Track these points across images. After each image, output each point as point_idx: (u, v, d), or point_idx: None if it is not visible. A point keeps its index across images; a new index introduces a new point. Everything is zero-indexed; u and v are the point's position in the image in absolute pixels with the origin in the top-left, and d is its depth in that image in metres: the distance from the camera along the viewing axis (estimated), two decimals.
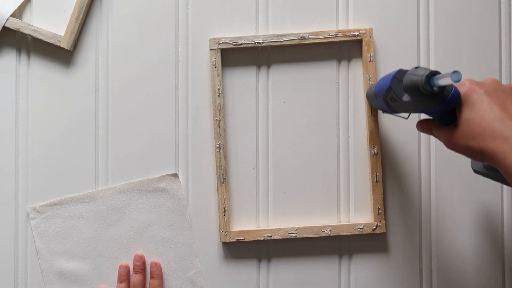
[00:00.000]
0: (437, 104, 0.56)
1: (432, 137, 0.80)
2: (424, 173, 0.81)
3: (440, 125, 0.61)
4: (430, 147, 0.81)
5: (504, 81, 0.81)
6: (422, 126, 0.65)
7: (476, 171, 0.66)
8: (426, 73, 0.55)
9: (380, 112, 0.80)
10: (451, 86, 0.56)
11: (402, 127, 0.80)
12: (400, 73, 0.61)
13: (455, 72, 0.50)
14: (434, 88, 0.55)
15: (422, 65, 0.81)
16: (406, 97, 0.59)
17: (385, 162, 0.80)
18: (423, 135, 0.80)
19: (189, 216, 0.80)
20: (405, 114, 0.67)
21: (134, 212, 0.80)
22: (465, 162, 0.80)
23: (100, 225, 0.80)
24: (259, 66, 0.81)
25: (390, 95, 0.62)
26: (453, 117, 0.58)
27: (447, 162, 0.80)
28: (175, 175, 0.80)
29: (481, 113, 0.54)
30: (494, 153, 0.53)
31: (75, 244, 0.80)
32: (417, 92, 0.56)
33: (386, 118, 0.80)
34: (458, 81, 0.50)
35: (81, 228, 0.80)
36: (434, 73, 0.55)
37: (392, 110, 0.66)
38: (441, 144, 0.80)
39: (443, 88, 0.55)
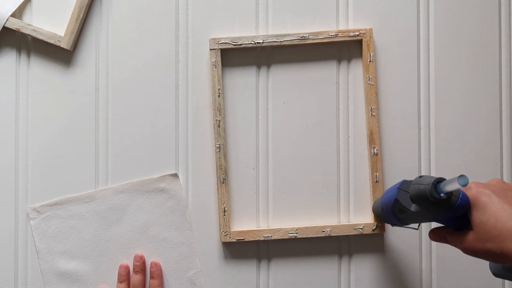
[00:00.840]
0: (447, 211, 0.56)
1: (432, 137, 0.80)
2: (424, 173, 0.81)
3: (453, 231, 0.60)
4: (430, 147, 0.81)
5: (504, 82, 0.81)
6: (435, 235, 0.64)
7: (496, 275, 0.64)
8: (432, 181, 0.55)
9: (380, 112, 0.80)
10: (458, 191, 0.55)
11: (402, 127, 0.80)
12: (405, 183, 0.61)
13: (462, 176, 0.50)
14: (442, 195, 0.54)
15: (422, 65, 0.81)
16: (414, 207, 0.58)
17: (385, 162, 0.80)
18: (423, 134, 0.81)
19: (189, 216, 0.80)
20: (415, 225, 0.67)
21: (134, 212, 0.80)
22: (465, 161, 0.80)
23: (100, 225, 0.80)
24: (259, 66, 0.81)
25: (397, 207, 0.61)
26: (465, 221, 0.57)
27: (447, 162, 0.80)
28: (175, 175, 0.80)
29: (494, 215, 0.54)
30: None
31: (75, 244, 0.80)
32: (425, 201, 0.56)
33: (386, 118, 0.80)
34: (465, 185, 0.50)
35: (81, 228, 0.80)
36: (440, 180, 0.55)
37: (402, 222, 0.65)
38: (441, 144, 0.80)
39: (450, 194, 0.55)
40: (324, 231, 0.78)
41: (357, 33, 0.79)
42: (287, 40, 0.79)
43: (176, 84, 0.81)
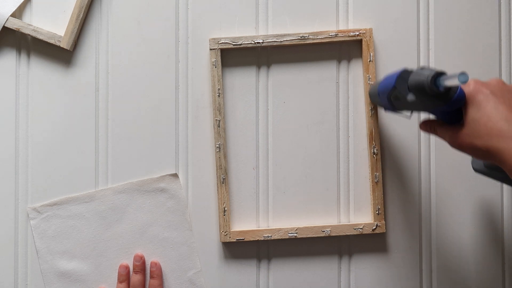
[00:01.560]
0: (443, 105, 0.56)
1: (432, 137, 0.80)
2: (424, 173, 0.81)
3: (444, 124, 0.61)
4: (430, 147, 0.81)
5: (505, 81, 0.81)
6: (426, 126, 0.65)
7: (476, 170, 0.66)
8: (432, 74, 0.55)
9: (380, 112, 0.80)
10: (456, 86, 0.56)
11: (402, 127, 0.80)
12: (405, 72, 0.61)
13: (462, 73, 0.50)
14: (440, 88, 0.55)
15: (421, 65, 0.81)
16: (410, 97, 0.59)
17: (385, 162, 0.80)
18: (423, 134, 0.80)
19: (189, 216, 0.80)
20: (408, 113, 0.67)
21: (134, 212, 0.80)
22: (465, 162, 0.80)
23: (100, 225, 0.80)
24: (259, 66, 0.81)
25: (394, 94, 0.62)
26: (458, 116, 0.58)
27: (447, 162, 0.80)
28: (175, 175, 0.80)
29: (487, 113, 0.55)
30: (500, 152, 0.53)
31: (75, 244, 0.80)
32: (423, 92, 0.56)
33: (386, 118, 0.80)
34: (465, 82, 0.50)
35: (81, 228, 0.80)
36: (440, 74, 0.55)
37: (395, 109, 0.66)
38: (441, 144, 0.80)
39: (448, 88, 0.55)
40: (324, 231, 0.78)
41: (357, 33, 0.79)
42: (287, 40, 0.79)
43: (176, 84, 0.81)
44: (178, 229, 0.80)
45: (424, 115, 0.78)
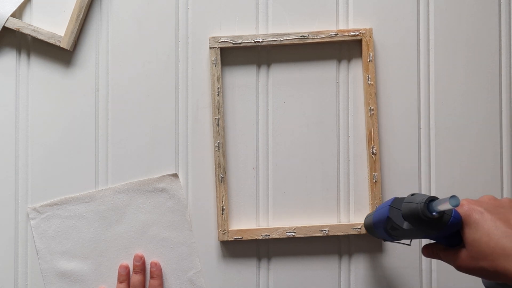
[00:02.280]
0: (440, 230, 0.56)
1: (431, 137, 0.80)
2: (424, 173, 0.80)
3: (447, 248, 0.59)
4: (430, 147, 0.81)
5: (504, 82, 0.81)
6: (428, 251, 0.64)
7: (488, 287, 0.65)
8: (424, 200, 0.55)
9: (379, 112, 0.80)
10: (450, 210, 0.55)
11: (402, 127, 0.80)
12: (397, 201, 0.60)
13: (453, 197, 0.50)
14: (434, 214, 0.54)
15: (422, 65, 0.81)
16: (406, 225, 0.58)
17: (384, 163, 0.80)
18: (423, 134, 0.80)
19: (189, 216, 0.80)
20: (407, 241, 0.66)
21: (134, 212, 0.80)
22: (465, 161, 0.80)
23: (100, 225, 0.80)
24: (259, 65, 0.81)
25: (390, 225, 0.61)
26: (458, 238, 0.57)
27: (447, 162, 0.80)
28: (175, 175, 0.80)
29: (486, 232, 0.53)
30: (509, 272, 0.51)
31: (75, 244, 0.80)
32: (417, 219, 0.56)
33: (385, 118, 0.80)
34: (456, 205, 0.50)
35: (81, 228, 0.80)
36: (432, 199, 0.55)
37: (394, 238, 0.65)
38: (440, 144, 0.80)
39: (442, 213, 0.55)
40: (322, 231, 0.78)
41: (357, 33, 0.79)
42: (287, 40, 0.79)
43: (176, 84, 0.81)
44: (178, 229, 0.80)
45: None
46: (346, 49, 0.81)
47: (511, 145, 0.81)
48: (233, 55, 0.81)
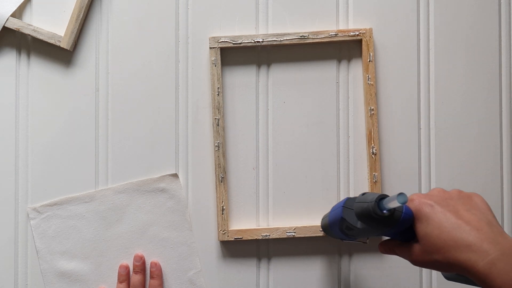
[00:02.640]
0: (392, 226, 0.56)
1: (431, 137, 0.80)
2: (424, 173, 0.80)
3: (401, 243, 0.60)
4: (430, 147, 0.81)
5: (504, 82, 0.81)
6: (384, 247, 0.64)
7: (448, 278, 0.65)
8: (375, 198, 0.55)
9: (379, 112, 0.80)
10: (401, 206, 0.55)
11: (402, 127, 0.80)
12: (349, 201, 0.61)
13: (401, 194, 0.50)
14: (385, 211, 0.55)
15: (422, 65, 0.81)
16: (360, 224, 0.58)
17: (384, 162, 0.80)
18: (423, 134, 0.80)
19: (189, 216, 0.80)
20: (365, 239, 0.67)
21: (134, 212, 0.80)
22: (466, 161, 0.80)
23: (100, 225, 0.80)
24: (259, 65, 0.81)
25: (345, 225, 0.61)
26: (412, 233, 0.57)
27: (446, 162, 0.80)
28: (175, 175, 0.80)
29: (437, 225, 0.54)
30: (461, 263, 0.52)
31: (75, 244, 0.80)
32: (370, 218, 0.56)
33: (385, 118, 0.80)
34: (404, 202, 0.50)
35: (81, 228, 0.80)
36: (382, 197, 0.55)
37: (351, 238, 0.65)
38: (440, 144, 0.80)
39: (393, 210, 0.55)
40: (322, 231, 0.78)
41: (357, 33, 0.79)
42: (287, 40, 0.79)
43: (176, 84, 0.81)
44: (178, 229, 0.80)
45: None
46: (346, 49, 0.81)
47: (511, 145, 0.81)
48: (233, 55, 0.81)
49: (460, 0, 0.81)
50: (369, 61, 0.79)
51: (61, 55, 0.81)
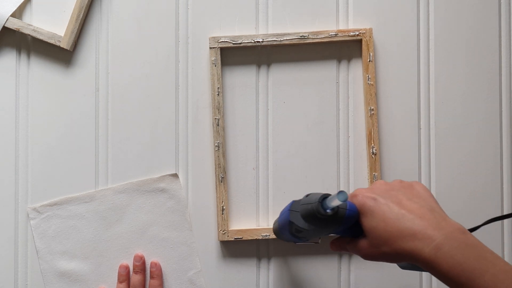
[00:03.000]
0: (339, 224, 0.57)
1: (431, 137, 0.80)
2: (424, 173, 0.80)
3: (351, 239, 0.60)
4: (430, 147, 0.81)
5: (504, 82, 0.81)
6: (335, 245, 0.64)
7: (402, 267, 0.66)
8: (318, 199, 0.55)
9: (379, 112, 0.80)
10: (345, 203, 0.56)
11: (402, 127, 0.80)
12: (295, 204, 0.61)
13: (341, 192, 0.51)
14: (328, 211, 0.55)
15: (422, 65, 0.81)
16: (308, 226, 0.59)
17: (384, 162, 0.80)
18: (423, 134, 0.80)
19: (189, 216, 0.80)
20: (317, 239, 0.67)
21: (134, 212, 0.80)
22: (465, 161, 0.80)
23: (100, 225, 0.80)
24: (259, 65, 0.81)
25: (294, 228, 0.61)
26: (360, 228, 0.58)
27: (446, 162, 0.80)
28: (175, 175, 0.80)
29: (382, 218, 0.55)
30: (408, 252, 0.52)
31: (75, 244, 0.80)
32: (316, 219, 0.56)
33: (385, 118, 0.80)
34: (345, 200, 0.51)
35: (81, 228, 0.80)
36: (326, 197, 0.56)
37: (302, 240, 0.65)
38: (440, 144, 0.80)
39: (337, 208, 0.55)
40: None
41: (357, 33, 0.79)
42: (287, 39, 0.79)
43: (176, 84, 0.81)
44: (178, 229, 0.80)
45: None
46: (346, 49, 0.81)
47: (511, 145, 0.81)
48: (233, 55, 0.81)
49: (460, 0, 0.81)
50: (369, 61, 0.79)
51: (61, 55, 0.81)
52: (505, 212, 0.80)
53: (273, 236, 0.78)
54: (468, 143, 0.81)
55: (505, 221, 0.80)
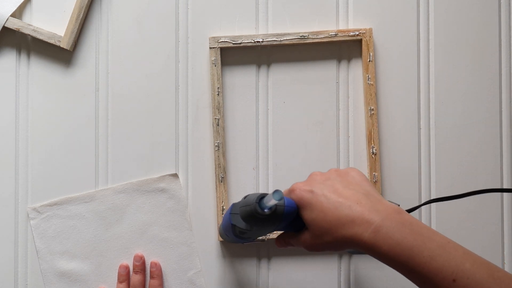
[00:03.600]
0: (280, 221, 0.57)
1: (431, 137, 0.80)
2: (424, 173, 0.80)
3: (294, 234, 0.61)
4: (430, 147, 0.81)
5: (504, 82, 0.81)
6: (280, 242, 0.65)
7: (351, 253, 0.65)
8: (255, 200, 0.56)
9: (379, 112, 0.80)
10: (283, 200, 0.56)
11: (402, 127, 0.80)
12: (235, 207, 0.61)
13: (276, 191, 0.51)
14: (266, 210, 0.55)
15: (422, 65, 0.81)
16: (250, 227, 0.59)
17: (384, 162, 0.80)
18: (423, 134, 0.80)
19: (189, 216, 0.80)
20: (264, 237, 0.67)
21: (134, 212, 0.80)
22: (465, 161, 0.80)
23: (100, 225, 0.80)
24: (259, 65, 0.81)
25: (237, 230, 0.61)
26: (302, 222, 0.58)
27: (447, 162, 0.80)
28: (175, 175, 0.80)
29: (320, 208, 0.55)
30: (349, 239, 0.53)
31: (75, 244, 0.80)
32: (256, 219, 0.57)
33: (385, 118, 0.80)
34: (280, 199, 0.51)
35: (81, 228, 0.80)
36: (263, 196, 0.56)
37: (249, 240, 0.65)
38: (440, 144, 0.80)
39: (275, 206, 0.56)
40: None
41: (357, 33, 0.79)
42: (287, 39, 0.79)
43: (176, 84, 0.81)
44: (178, 229, 0.80)
45: None
46: (346, 49, 0.81)
47: (511, 145, 0.81)
48: (233, 55, 0.81)
49: (460, 0, 0.81)
50: (369, 61, 0.79)
51: (61, 55, 0.81)
52: (505, 212, 0.80)
53: (273, 236, 0.78)
54: (468, 143, 0.81)
55: (505, 221, 0.80)
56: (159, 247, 0.80)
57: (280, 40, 0.79)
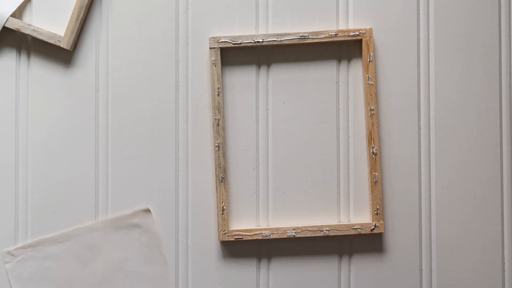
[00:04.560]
0: None
1: (431, 137, 0.80)
2: (424, 173, 0.80)
3: None
4: (430, 147, 0.81)
5: (504, 82, 0.81)
6: None
7: None
8: None
9: (379, 112, 0.80)
10: None
11: (402, 127, 0.80)
12: None
13: None
14: None
15: (421, 65, 0.81)
16: None
17: (384, 162, 0.80)
18: (423, 134, 0.80)
19: (164, 249, 0.80)
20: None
21: (109, 249, 0.80)
22: (465, 161, 0.80)
23: (76, 264, 0.80)
24: (259, 65, 0.81)
25: None
26: None
27: (447, 162, 0.80)
28: (148, 210, 0.80)
29: None
30: None
31: (51, 285, 0.79)
32: None
33: (385, 118, 0.80)
34: None
35: (57, 268, 0.80)
36: None
37: None
38: (440, 144, 0.80)
39: None
40: (322, 231, 0.78)
41: (357, 33, 0.79)
42: (287, 40, 0.79)
43: (176, 84, 0.81)
44: (153, 263, 0.80)
45: None
46: (346, 49, 0.81)
47: (511, 145, 0.81)
48: (233, 55, 0.81)
49: (460, 0, 0.81)
50: (369, 61, 0.79)
51: (61, 55, 0.81)
52: (505, 212, 0.80)
53: (273, 236, 0.78)
54: (468, 143, 0.81)
55: (505, 221, 0.80)
56: (135, 282, 0.80)
57: (280, 40, 0.79)
